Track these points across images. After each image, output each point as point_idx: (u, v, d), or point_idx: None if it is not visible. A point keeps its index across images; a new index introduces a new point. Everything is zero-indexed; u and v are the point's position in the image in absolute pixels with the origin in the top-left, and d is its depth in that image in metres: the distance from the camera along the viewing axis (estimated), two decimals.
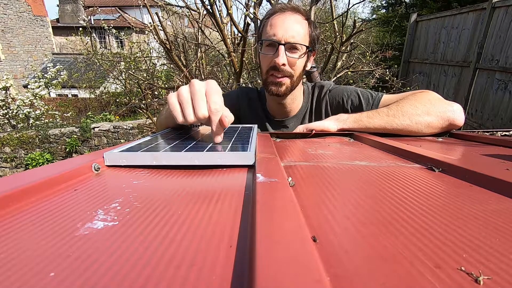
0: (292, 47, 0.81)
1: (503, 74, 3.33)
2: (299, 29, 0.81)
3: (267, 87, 0.87)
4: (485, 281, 0.16)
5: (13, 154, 5.29)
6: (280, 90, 0.85)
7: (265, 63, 0.85)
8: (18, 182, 0.30)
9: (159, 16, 2.26)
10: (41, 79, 7.46)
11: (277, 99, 0.90)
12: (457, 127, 0.74)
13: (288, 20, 0.80)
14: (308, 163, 0.44)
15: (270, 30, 0.81)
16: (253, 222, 0.21)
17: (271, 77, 0.85)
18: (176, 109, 0.49)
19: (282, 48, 0.80)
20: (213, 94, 0.47)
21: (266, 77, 0.86)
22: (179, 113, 0.49)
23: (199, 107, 0.47)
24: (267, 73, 0.85)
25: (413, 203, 0.27)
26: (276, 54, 0.80)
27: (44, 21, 11.96)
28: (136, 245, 0.20)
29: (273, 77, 0.84)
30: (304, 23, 0.82)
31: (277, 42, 0.80)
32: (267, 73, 0.85)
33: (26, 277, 0.17)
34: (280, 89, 0.85)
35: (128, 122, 5.68)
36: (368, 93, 0.89)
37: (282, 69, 0.82)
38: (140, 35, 5.67)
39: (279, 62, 0.80)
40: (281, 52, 0.80)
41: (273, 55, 0.81)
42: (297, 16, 0.82)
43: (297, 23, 0.81)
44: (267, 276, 0.14)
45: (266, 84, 0.87)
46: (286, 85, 0.85)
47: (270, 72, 0.84)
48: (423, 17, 5.10)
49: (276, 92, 0.86)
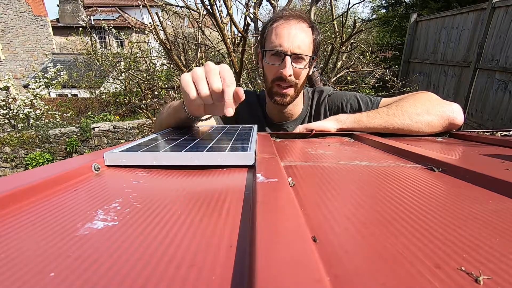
0: (298, 57, 0.81)
1: (503, 74, 3.33)
2: (305, 38, 0.81)
3: (271, 96, 0.88)
4: (485, 281, 0.16)
5: (13, 154, 5.29)
6: (285, 100, 0.86)
7: (270, 72, 0.85)
8: (18, 182, 0.30)
9: (159, 16, 2.26)
10: (41, 79, 7.46)
11: (280, 108, 0.91)
12: (457, 126, 0.75)
13: (294, 30, 0.80)
14: (308, 163, 0.44)
15: (276, 40, 0.80)
16: (253, 222, 0.21)
17: (276, 87, 0.85)
18: (189, 85, 0.52)
19: (288, 59, 0.79)
20: (227, 71, 0.51)
21: (271, 86, 0.86)
22: (192, 88, 0.52)
23: (213, 81, 0.50)
24: (272, 82, 0.85)
25: (413, 203, 0.27)
26: (283, 65, 0.80)
27: (44, 21, 11.96)
28: (136, 245, 0.20)
29: (278, 88, 0.85)
30: (308, 32, 0.82)
31: (283, 53, 0.79)
32: (272, 83, 0.85)
33: (26, 277, 0.17)
34: (285, 99, 0.86)
35: (128, 122, 5.68)
36: (367, 98, 0.91)
37: (289, 80, 0.82)
38: (140, 35, 5.67)
39: (286, 74, 0.80)
40: (287, 63, 0.79)
41: (279, 66, 0.81)
42: (303, 24, 0.82)
43: (303, 32, 0.81)
44: (267, 276, 0.14)
45: (271, 93, 0.88)
46: (291, 95, 0.86)
47: (275, 82, 0.85)
48: (423, 17, 5.10)
49: (281, 102, 0.87)
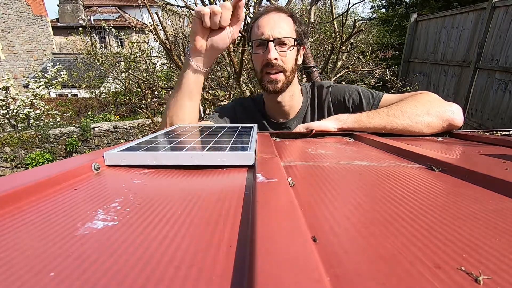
0: (281, 42, 0.84)
1: (503, 74, 3.33)
2: (284, 25, 0.85)
3: (264, 86, 0.89)
4: (485, 281, 0.16)
5: (13, 154, 5.29)
6: (277, 87, 0.88)
7: (257, 62, 0.88)
8: (18, 181, 0.30)
9: (159, 16, 2.25)
10: (41, 79, 7.46)
11: (275, 97, 0.92)
12: (457, 127, 0.75)
13: (273, 18, 0.85)
14: (308, 163, 0.44)
15: (258, 31, 0.85)
16: (253, 222, 0.21)
17: (266, 75, 0.87)
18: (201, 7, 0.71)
19: (271, 44, 0.83)
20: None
21: (261, 76, 0.89)
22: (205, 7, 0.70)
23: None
24: (261, 71, 0.88)
25: (413, 203, 0.27)
26: (267, 51, 0.83)
27: (44, 21, 11.95)
28: (136, 245, 0.20)
29: (267, 76, 0.87)
30: (288, 20, 0.87)
31: (266, 40, 0.83)
32: (262, 72, 0.88)
33: (26, 277, 0.17)
34: (276, 86, 0.87)
35: (128, 122, 5.68)
36: (369, 92, 0.91)
37: (275, 63, 0.84)
38: (140, 35, 5.66)
39: (271, 57, 0.83)
40: (271, 48, 0.83)
41: (264, 53, 0.85)
42: (281, 14, 0.87)
43: (282, 20, 0.85)
44: (267, 276, 0.14)
45: (262, 83, 0.89)
46: (282, 81, 0.87)
47: (264, 71, 0.87)
48: (423, 16, 5.10)
49: (274, 89, 0.88)
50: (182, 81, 0.80)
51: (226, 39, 0.77)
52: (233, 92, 2.69)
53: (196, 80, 0.81)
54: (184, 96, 0.81)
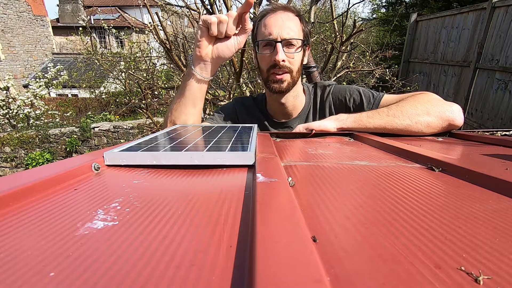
0: (289, 43, 0.84)
1: (503, 74, 3.33)
2: (292, 25, 0.84)
3: (269, 86, 0.89)
4: (485, 281, 0.16)
5: (13, 154, 5.28)
6: (282, 87, 0.87)
7: (264, 62, 0.87)
8: (18, 181, 0.30)
9: (159, 16, 2.25)
10: (41, 79, 7.46)
11: (279, 97, 0.92)
12: (457, 127, 0.75)
13: (281, 18, 0.84)
14: (308, 163, 0.44)
15: (265, 30, 0.84)
16: (253, 222, 0.21)
17: (272, 75, 0.87)
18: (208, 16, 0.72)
19: (279, 46, 0.82)
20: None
21: (267, 76, 0.88)
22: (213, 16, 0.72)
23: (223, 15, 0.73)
24: (268, 72, 0.87)
25: (413, 203, 0.27)
26: (275, 52, 0.83)
27: (44, 21, 11.95)
28: (136, 245, 0.20)
29: (273, 75, 0.86)
30: (296, 20, 0.86)
31: (274, 40, 0.82)
32: (268, 72, 0.87)
33: (26, 277, 0.17)
34: (282, 85, 0.87)
35: (128, 122, 5.67)
36: (369, 92, 0.91)
37: (282, 65, 0.84)
38: (140, 35, 5.66)
39: (279, 58, 0.82)
40: (279, 49, 0.82)
41: (271, 54, 0.84)
42: (289, 13, 0.86)
43: (290, 20, 0.84)
44: (267, 276, 0.14)
45: (268, 83, 0.89)
46: (288, 81, 0.87)
47: (270, 71, 0.86)
48: (423, 16, 5.09)
49: (279, 89, 0.87)
50: (186, 89, 0.80)
51: (232, 47, 0.77)
52: (233, 92, 2.69)
53: (200, 88, 0.81)
54: (187, 103, 0.81)
